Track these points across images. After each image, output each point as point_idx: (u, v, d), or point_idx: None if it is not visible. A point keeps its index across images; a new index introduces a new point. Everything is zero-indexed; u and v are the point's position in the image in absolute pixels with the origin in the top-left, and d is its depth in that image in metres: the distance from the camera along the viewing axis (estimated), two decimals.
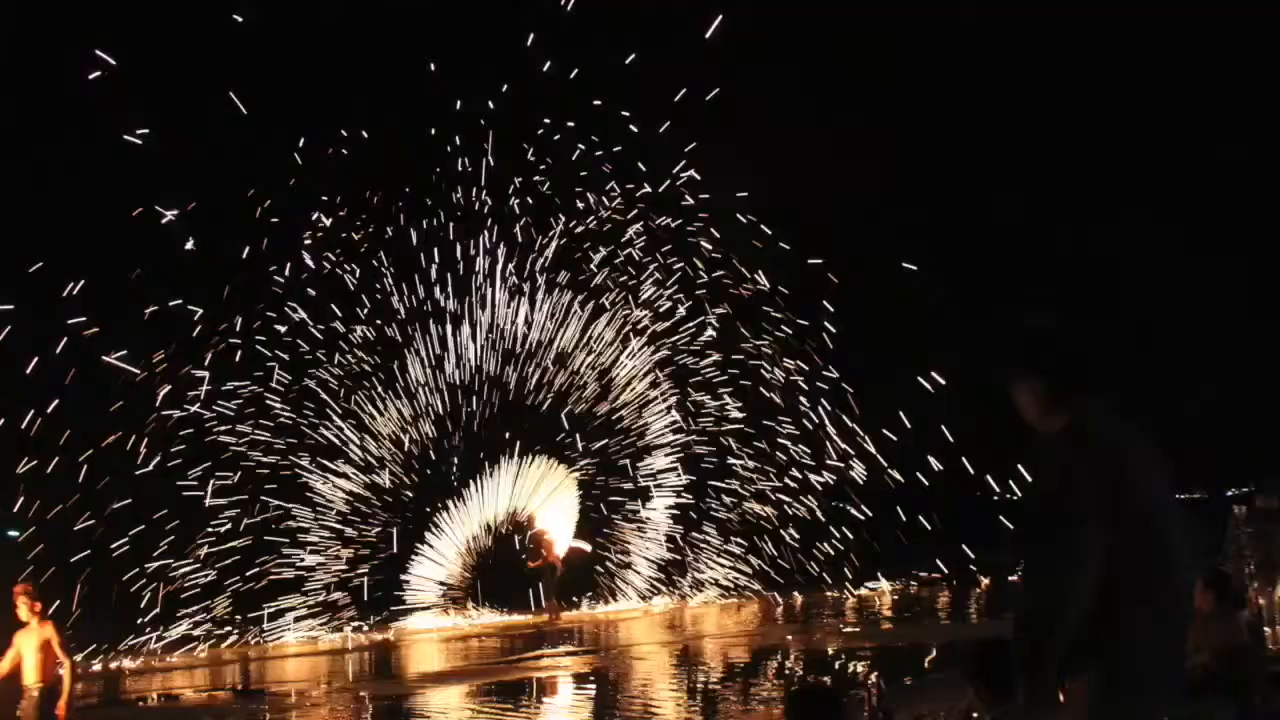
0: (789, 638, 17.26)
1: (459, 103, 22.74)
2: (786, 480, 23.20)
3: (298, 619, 21.73)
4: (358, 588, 22.18)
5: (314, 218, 22.76)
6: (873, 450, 22.65)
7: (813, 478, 23.07)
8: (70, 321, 19.44)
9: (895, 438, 22.47)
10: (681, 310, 23.72)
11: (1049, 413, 3.53)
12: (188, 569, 20.62)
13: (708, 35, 21.75)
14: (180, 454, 20.70)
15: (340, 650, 20.31)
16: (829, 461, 22.99)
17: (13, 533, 18.94)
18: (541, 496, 24.02)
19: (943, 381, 21.93)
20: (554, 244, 23.80)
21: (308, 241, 22.70)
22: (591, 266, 23.89)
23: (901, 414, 22.30)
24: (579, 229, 23.88)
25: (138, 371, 20.24)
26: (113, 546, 19.66)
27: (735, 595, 23.41)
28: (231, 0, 21.07)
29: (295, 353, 22.44)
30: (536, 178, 23.66)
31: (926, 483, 22.59)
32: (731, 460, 23.57)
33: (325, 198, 22.71)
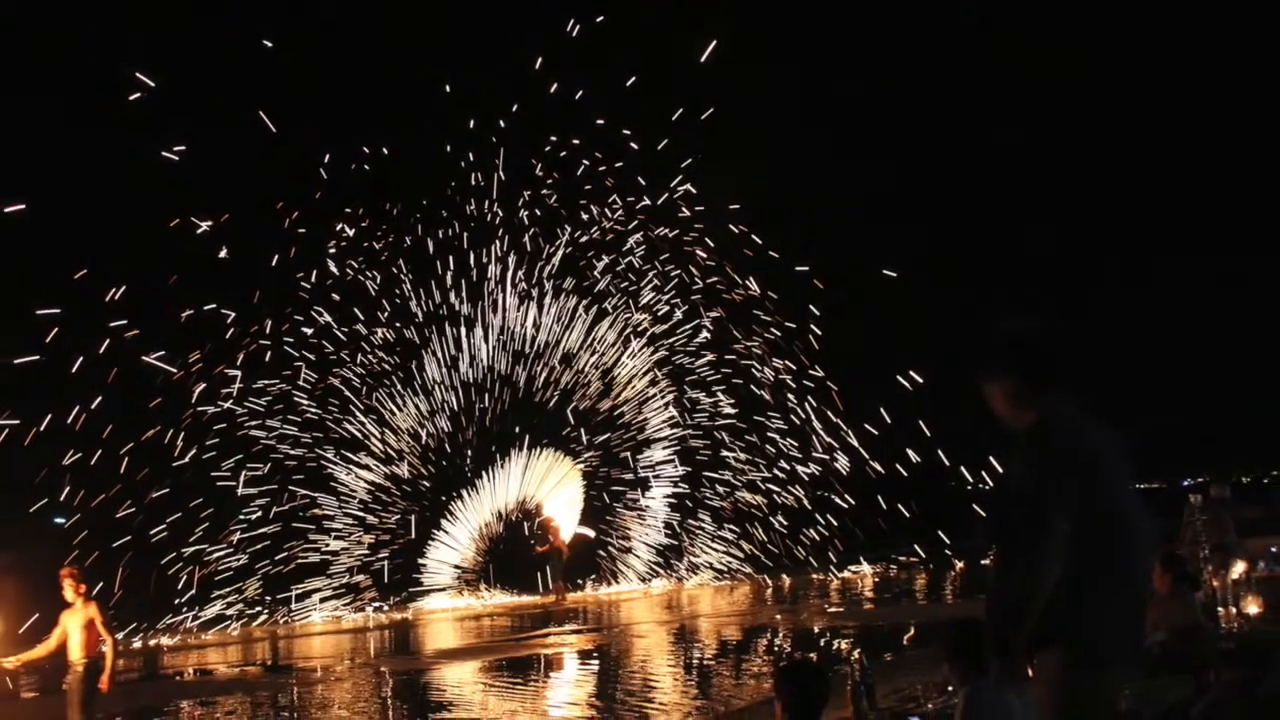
0: (778, 617, 17.22)
1: (472, 122, 22.81)
2: (776, 471, 23.19)
3: (323, 600, 21.76)
4: (378, 571, 22.19)
5: (338, 228, 22.81)
6: (855, 443, 22.65)
7: (800, 469, 23.06)
8: (112, 324, 19.45)
9: (876, 432, 22.49)
10: (678, 314, 23.73)
11: (1019, 410, 3.52)
12: (221, 553, 20.64)
13: (703, 59, 21.77)
14: (214, 447, 20.74)
15: (362, 629, 20.29)
16: (815, 454, 22.99)
17: (59, 520, 18.95)
18: (549, 486, 24.03)
19: (920, 380, 21.92)
20: (560, 252, 23.83)
21: (332, 250, 22.72)
22: (595, 273, 23.93)
23: (882, 410, 22.32)
24: (583, 239, 23.90)
25: (175, 370, 20.26)
26: (152, 533, 19.68)
27: (728, 578, 23.38)
28: (261, 27, 21.12)
29: (321, 353, 22.49)
30: (544, 191, 23.73)
31: (905, 473, 22.61)
32: (724, 453, 23.59)
33: (348, 209, 22.77)
